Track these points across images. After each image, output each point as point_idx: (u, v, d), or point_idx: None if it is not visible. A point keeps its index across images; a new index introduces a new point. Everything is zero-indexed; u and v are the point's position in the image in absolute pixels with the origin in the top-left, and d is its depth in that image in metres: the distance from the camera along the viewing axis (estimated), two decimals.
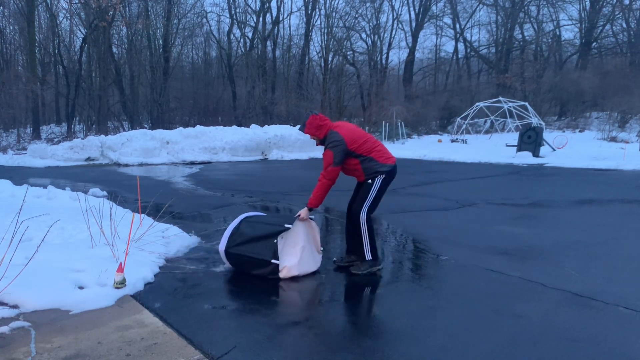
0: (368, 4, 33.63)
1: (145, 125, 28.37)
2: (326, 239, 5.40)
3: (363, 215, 3.83)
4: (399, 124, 25.89)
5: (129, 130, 23.45)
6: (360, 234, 3.87)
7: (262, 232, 3.82)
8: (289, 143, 18.58)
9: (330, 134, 3.82)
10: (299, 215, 3.85)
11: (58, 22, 30.67)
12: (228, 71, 34.02)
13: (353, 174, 3.96)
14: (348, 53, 34.92)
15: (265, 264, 3.72)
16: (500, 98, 24.68)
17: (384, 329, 2.91)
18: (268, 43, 33.99)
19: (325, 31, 33.37)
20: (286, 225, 3.74)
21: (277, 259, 3.70)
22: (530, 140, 15.96)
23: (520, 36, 33.56)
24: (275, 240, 3.71)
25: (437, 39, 38.23)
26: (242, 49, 34.92)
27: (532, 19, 32.91)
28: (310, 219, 3.98)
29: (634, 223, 5.96)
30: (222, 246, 3.94)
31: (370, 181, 3.83)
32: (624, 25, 30.25)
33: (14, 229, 3.44)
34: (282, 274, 3.73)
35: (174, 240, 4.88)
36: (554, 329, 2.85)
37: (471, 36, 38.19)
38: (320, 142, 3.91)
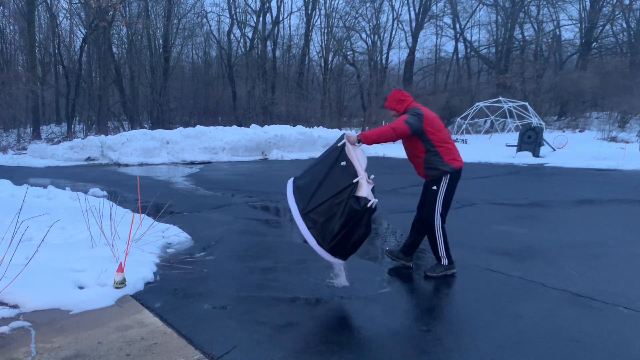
0: (368, 4, 33.68)
1: (145, 125, 28.36)
2: None
3: (437, 222, 3.80)
4: None
5: (129, 130, 23.44)
6: (434, 238, 3.84)
7: (322, 170, 3.46)
8: (289, 143, 18.58)
9: (411, 108, 3.80)
10: (345, 134, 3.55)
11: (58, 22, 30.68)
12: (228, 71, 34.02)
13: (414, 162, 3.91)
14: (348, 53, 34.96)
15: (348, 189, 3.30)
16: (500, 98, 24.68)
17: (383, 328, 2.90)
18: (268, 43, 34.00)
19: (325, 31, 33.43)
20: (339, 145, 3.45)
21: (357, 175, 3.35)
22: (530, 140, 15.96)
23: (520, 36, 33.55)
24: (343, 163, 3.39)
25: (437, 39, 38.23)
26: (242, 49, 34.94)
27: (532, 19, 32.90)
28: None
29: (634, 223, 5.96)
30: (296, 213, 3.40)
31: (435, 187, 3.79)
32: (624, 25, 30.25)
33: (14, 229, 3.44)
34: (362, 192, 3.32)
35: (174, 240, 4.89)
36: (554, 329, 2.85)
37: (471, 36, 38.18)
38: (400, 116, 3.84)
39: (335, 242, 3.31)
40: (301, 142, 18.78)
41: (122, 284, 3.43)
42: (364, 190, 3.32)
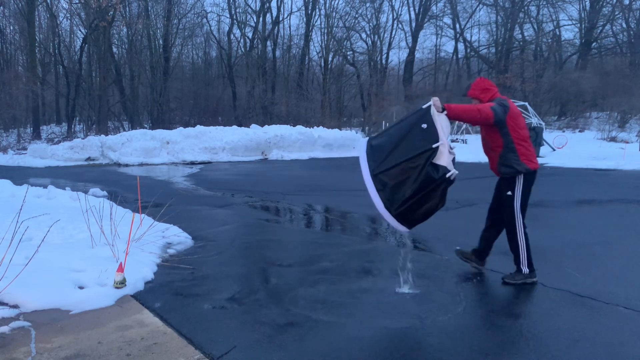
0: (368, 4, 33.70)
1: (146, 125, 28.38)
2: (327, 233, 5.40)
3: (519, 229, 3.70)
4: None
5: (129, 130, 23.47)
6: (516, 245, 3.72)
7: (400, 131, 3.19)
8: (289, 143, 18.59)
9: (497, 98, 3.64)
10: (433, 98, 3.30)
11: (58, 22, 30.70)
12: (228, 71, 34.03)
13: (490, 155, 3.78)
14: (348, 53, 34.98)
15: (426, 154, 3.08)
16: None
17: (383, 328, 2.90)
18: (268, 43, 34.02)
19: (325, 31, 33.43)
20: (424, 107, 3.20)
21: (438, 140, 3.09)
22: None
23: (520, 36, 33.56)
24: (424, 126, 3.13)
25: (437, 39, 38.25)
26: (242, 49, 34.95)
27: (532, 19, 32.91)
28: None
29: (634, 223, 5.96)
30: (366, 174, 3.15)
31: (510, 193, 3.71)
32: (624, 25, 30.27)
33: (14, 229, 3.44)
34: (442, 160, 3.09)
35: (174, 240, 4.89)
36: (554, 329, 2.85)
37: (471, 36, 38.19)
38: None
39: (404, 208, 3.13)
40: (301, 142, 18.79)
41: (122, 283, 3.43)
42: (444, 158, 3.11)
